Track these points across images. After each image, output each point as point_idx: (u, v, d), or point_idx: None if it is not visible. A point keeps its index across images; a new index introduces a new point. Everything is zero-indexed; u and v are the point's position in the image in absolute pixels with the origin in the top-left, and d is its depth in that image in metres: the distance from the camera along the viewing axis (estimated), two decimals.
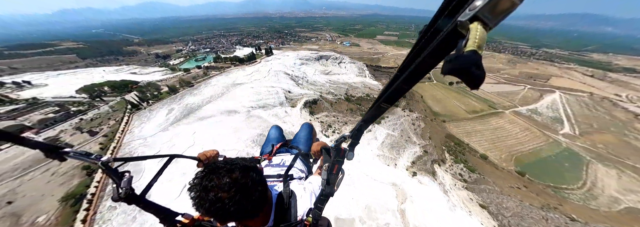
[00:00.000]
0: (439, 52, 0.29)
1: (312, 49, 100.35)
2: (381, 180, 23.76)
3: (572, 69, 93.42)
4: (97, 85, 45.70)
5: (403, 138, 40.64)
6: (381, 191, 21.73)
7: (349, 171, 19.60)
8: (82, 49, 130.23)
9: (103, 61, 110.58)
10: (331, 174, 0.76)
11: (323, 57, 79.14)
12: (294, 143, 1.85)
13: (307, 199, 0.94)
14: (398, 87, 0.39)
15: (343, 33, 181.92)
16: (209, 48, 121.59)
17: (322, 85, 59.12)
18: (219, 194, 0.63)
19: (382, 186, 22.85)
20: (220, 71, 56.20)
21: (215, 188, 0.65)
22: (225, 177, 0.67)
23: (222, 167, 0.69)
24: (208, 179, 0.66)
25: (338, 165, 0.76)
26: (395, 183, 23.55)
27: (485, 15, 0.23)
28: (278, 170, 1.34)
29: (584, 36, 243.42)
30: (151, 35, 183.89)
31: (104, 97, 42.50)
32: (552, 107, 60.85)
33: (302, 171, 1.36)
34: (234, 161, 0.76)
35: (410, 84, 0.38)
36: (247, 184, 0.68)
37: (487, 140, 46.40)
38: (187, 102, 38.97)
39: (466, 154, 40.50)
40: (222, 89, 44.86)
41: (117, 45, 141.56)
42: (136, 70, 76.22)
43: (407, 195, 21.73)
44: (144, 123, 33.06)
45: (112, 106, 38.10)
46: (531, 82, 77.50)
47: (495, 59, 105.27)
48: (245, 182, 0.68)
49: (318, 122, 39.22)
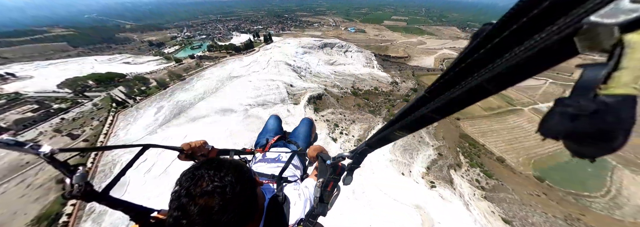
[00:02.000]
0: (510, 76, 0.16)
1: (315, 35, 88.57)
2: (402, 200, 19.70)
3: (589, 58, 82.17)
4: (81, 78, 39.56)
5: (415, 139, 35.98)
6: (404, 216, 17.79)
7: (363, 186, 11.59)
8: (72, 36, 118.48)
9: (95, 49, 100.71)
10: (325, 190, 0.66)
11: (327, 45, 69.05)
12: (293, 137, 1.66)
13: (301, 206, 0.78)
14: (425, 116, 0.26)
15: (348, 18, 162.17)
16: (205, 34, 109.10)
17: (327, 78, 52.00)
18: (207, 203, 0.51)
19: (404, 209, 18.88)
20: (215, 62, 48.62)
21: (204, 196, 0.51)
22: (214, 181, 0.53)
23: (209, 167, 0.55)
24: (193, 183, 0.53)
25: (333, 182, 0.69)
26: (419, 205, 19.49)
27: None
28: (273, 167, 1.15)
29: None
30: (145, 21, 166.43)
31: (88, 92, 36.91)
32: None
33: (297, 167, 1.18)
34: (221, 159, 0.60)
35: (445, 114, 0.24)
36: (241, 189, 0.54)
37: (504, 141, 41.41)
38: (177, 99, 33.36)
39: (482, 156, 36.49)
40: (217, 83, 38.51)
41: (109, 32, 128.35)
42: (130, 59, 68.29)
43: (434, 221, 17.80)
44: (131, 124, 28.25)
45: (96, 104, 32.86)
46: (554, 75, 68.20)
47: None
48: (239, 188, 0.54)
49: (323, 121, 34.08)
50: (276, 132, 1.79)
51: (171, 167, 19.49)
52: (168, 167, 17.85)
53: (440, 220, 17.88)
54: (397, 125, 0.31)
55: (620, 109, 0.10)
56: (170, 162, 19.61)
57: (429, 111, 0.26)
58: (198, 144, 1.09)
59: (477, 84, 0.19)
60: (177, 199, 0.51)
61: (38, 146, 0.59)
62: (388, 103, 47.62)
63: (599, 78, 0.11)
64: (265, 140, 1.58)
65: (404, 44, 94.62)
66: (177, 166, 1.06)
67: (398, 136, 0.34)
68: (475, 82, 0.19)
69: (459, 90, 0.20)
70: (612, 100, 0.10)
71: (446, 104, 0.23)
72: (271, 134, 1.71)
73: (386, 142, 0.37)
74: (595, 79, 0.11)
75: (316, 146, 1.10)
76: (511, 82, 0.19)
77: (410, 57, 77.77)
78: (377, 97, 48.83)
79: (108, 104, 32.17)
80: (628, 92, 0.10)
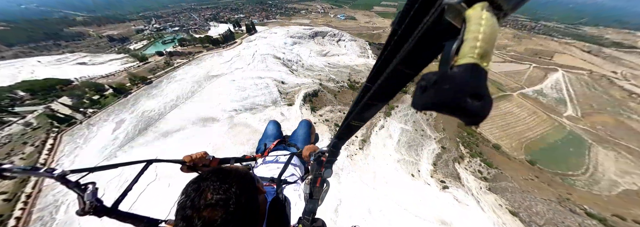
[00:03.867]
0: (418, 55, 0.17)
1: (303, 23, 77.20)
2: (424, 216, 16.64)
3: (571, 45, 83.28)
4: (5, 89, 28.67)
5: (418, 133, 33.09)
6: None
7: (379, 202, 7.88)
8: (5, 32, 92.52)
9: (38, 48, 79.65)
10: (314, 187, 0.67)
11: (318, 33, 60.00)
12: (292, 140, 1.63)
13: (301, 206, 0.78)
14: (368, 104, 0.26)
15: (336, 4, 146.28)
16: (178, 26, 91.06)
17: (321, 71, 45.27)
18: (210, 215, 0.50)
19: (428, 226, 15.77)
20: (188, 59, 38.89)
21: (208, 207, 0.50)
22: (219, 193, 0.52)
23: (214, 179, 0.54)
24: (198, 194, 0.52)
25: (321, 178, 0.69)
26: (443, 220, 16.50)
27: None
28: (272, 170, 1.16)
29: (578, 7, 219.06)
30: (102, 12, 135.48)
31: (19, 106, 27.02)
32: (556, 88, 54.18)
33: (296, 166, 1.18)
34: (226, 170, 0.57)
35: (383, 99, 0.25)
36: (245, 201, 0.53)
37: (498, 127, 40.57)
38: (143, 109, 25.49)
39: (480, 145, 35.59)
40: (192, 85, 30.35)
41: (54, 26, 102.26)
42: (86, 59, 53.80)
43: None
44: (80, 147, 20.74)
45: (29, 123, 23.85)
46: (536, 59, 67.86)
47: (500, 34, 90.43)
48: (243, 200, 0.53)
49: (323, 121, 29.06)
50: (276, 137, 1.73)
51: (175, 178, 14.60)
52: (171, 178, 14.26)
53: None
54: (351, 116, 0.33)
55: (455, 77, 0.11)
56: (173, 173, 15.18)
57: (369, 99, 0.26)
58: (199, 156, 1.05)
59: (394, 68, 0.20)
60: (183, 210, 0.51)
61: (52, 170, 0.64)
62: None
63: (453, 51, 0.12)
64: (264, 146, 1.54)
65: None
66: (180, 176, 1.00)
67: (356, 125, 0.35)
68: (393, 66, 0.20)
69: (384, 76, 0.21)
70: (457, 67, 0.11)
71: (379, 89, 0.23)
72: (271, 139, 1.66)
73: (350, 132, 0.39)
74: (450, 53, 0.12)
75: (309, 146, 1.06)
76: (416, 63, 0.19)
77: None
78: None
79: (46, 121, 23.48)
80: (467, 62, 0.11)
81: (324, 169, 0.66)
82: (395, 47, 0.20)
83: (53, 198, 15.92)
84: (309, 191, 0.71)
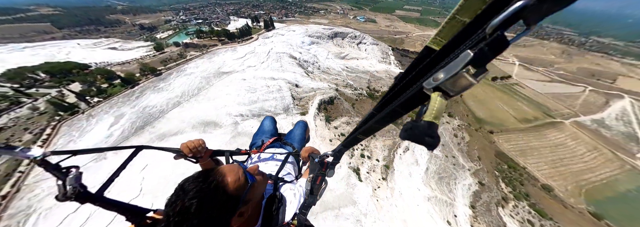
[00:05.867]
0: (407, 106, 0.29)
1: (322, 23, 72.39)
2: None
3: (637, 66, 67.31)
4: (29, 69, 28.41)
5: (449, 161, 26.97)
6: None
7: None
8: (58, 16, 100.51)
9: (82, 32, 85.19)
10: (315, 184, 0.75)
11: (338, 34, 54.93)
12: (288, 139, 1.58)
13: (296, 204, 0.84)
14: (372, 127, 0.38)
15: (356, 5, 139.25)
16: (202, 19, 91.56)
17: (338, 74, 40.55)
18: (181, 220, 0.51)
19: None
20: (202, 52, 36.51)
21: (177, 215, 0.52)
22: (180, 204, 0.52)
23: (193, 196, 0.52)
24: (172, 203, 0.53)
25: (321, 177, 0.76)
26: None
27: (447, 87, 0.21)
28: (270, 167, 1.15)
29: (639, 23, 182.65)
30: (140, 2, 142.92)
31: (38, 86, 26.41)
32: (623, 119, 42.78)
33: (292, 164, 1.19)
34: (206, 189, 0.54)
35: (383, 125, 0.37)
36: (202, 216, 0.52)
37: (547, 162, 32.34)
38: (146, 104, 23.11)
39: (525, 182, 27.95)
40: (200, 81, 27.52)
41: (99, 12, 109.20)
42: (117, 44, 55.11)
43: None
44: (74, 141, 18.72)
45: (35, 107, 22.70)
46: (594, 82, 55.32)
47: (544, 48, 77.12)
48: (201, 217, 0.52)
49: (338, 136, 24.51)
50: (272, 133, 1.68)
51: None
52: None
53: None
54: (358, 131, 0.42)
55: (424, 127, 0.23)
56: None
57: (374, 123, 0.37)
58: (197, 145, 0.99)
59: (393, 108, 0.32)
60: (167, 206, 0.52)
61: (28, 149, 0.56)
62: None
63: (424, 111, 0.24)
64: (260, 141, 1.51)
65: (421, 38, 79.05)
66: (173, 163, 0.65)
67: (361, 139, 0.44)
68: (392, 107, 0.31)
69: (385, 112, 0.33)
70: (423, 122, 0.23)
71: (382, 119, 0.34)
72: (267, 135, 1.62)
73: (355, 143, 0.47)
74: (422, 112, 0.24)
75: (308, 148, 1.12)
76: (407, 107, 0.29)
77: None
78: None
79: (51, 107, 22.09)
80: (427, 119, 0.23)
81: (326, 169, 0.72)
82: (395, 94, 0.33)
83: (27, 203, 13.63)
84: (309, 187, 0.76)
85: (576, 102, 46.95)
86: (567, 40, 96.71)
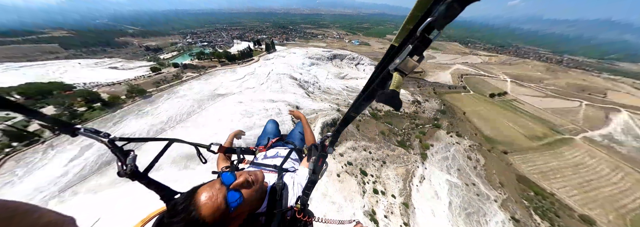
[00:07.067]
0: (381, 84, 0.36)
1: (320, 46, 78.22)
2: None
3: (618, 81, 72.43)
4: (4, 90, 26.00)
5: (471, 191, 23.25)
6: None
7: None
8: (69, 38, 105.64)
9: (89, 52, 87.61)
10: (317, 165, 0.85)
11: (337, 56, 57.97)
12: (290, 139, 1.74)
13: (297, 190, 0.96)
14: (361, 104, 0.46)
15: (351, 31, 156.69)
16: (207, 42, 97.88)
17: (339, 94, 39.91)
18: None
19: None
20: (200, 73, 36.08)
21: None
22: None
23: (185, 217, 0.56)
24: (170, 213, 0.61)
25: (322, 158, 0.85)
26: None
27: (401, 68, 0.31)
28: (275, 160, 1.28)
29: (602, 44, 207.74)
30: (151, 27, 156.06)
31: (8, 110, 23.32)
32: (631, 133, 42.24)
33: (295, 160, 1.33)
34: (197, 217, 0.57)
35: (369, 101, 0.44)
36: None
37: (574, 186, 28.98)
38: (122, 132, 20.22)
39: (560, 213, 23.84)
40: (192, 104, 25.50)
41: (110, 35, 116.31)
42: (119, 64, 54.98)
43: None
44: (11, 183, 14.83)
45: None
46: (587, 96, 57.51)
47: (529, 65, 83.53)
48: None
49: (345, 164, 21.26)
50: (275, 134, 1.84)
51: None
52: None
53: None
54: (350, 109, 0.51)
55: (391, 92, 0.31)
56: None
57: (362, 100, 0.45)
58: (228, 143, 1.16)
59: (371, 88, 0.39)
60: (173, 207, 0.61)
61: (107, 135, 0.72)
62: (416, 129, 35.38)
63: (389, 84, 0.32)
64: (266, 140, 1.66)
65: None
66: None
67: (353, 116, 0.52)
68: (373, 85, 0.39)
69: (370, 88, 0.40)
70: (387, 91, 0.32)
71: (367, 96, 0.41)
72: (271, 136, 1.77)
73: (350, 120, 0.55)
74: (387, 85, 0.32)
75: (310, 139, 1.34)
76: (382, 86, 0.37)
77: (425, 72, 67.14)
78: (401, 121, 36.65)
79: (5, 137, 18.64)
80: (391, 88, 0.31)
81: (327, 147, 0.81)
82: (374, 77, 0.41)
83: None
84: (312, 167, 0.86)
85: (578, 117, 46.86)
86: (545, 58, 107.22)
